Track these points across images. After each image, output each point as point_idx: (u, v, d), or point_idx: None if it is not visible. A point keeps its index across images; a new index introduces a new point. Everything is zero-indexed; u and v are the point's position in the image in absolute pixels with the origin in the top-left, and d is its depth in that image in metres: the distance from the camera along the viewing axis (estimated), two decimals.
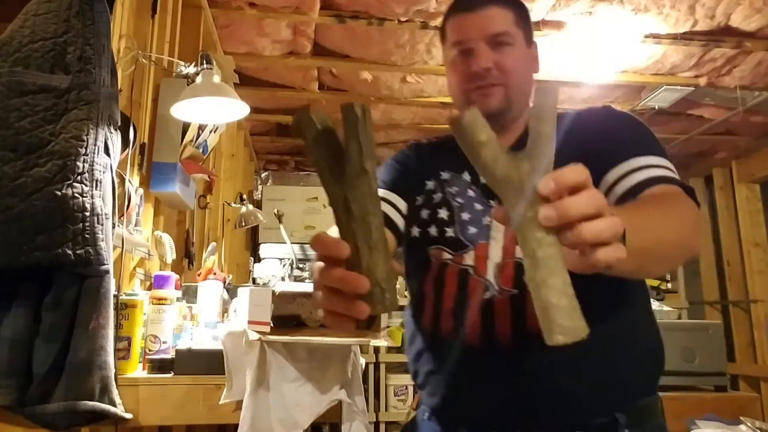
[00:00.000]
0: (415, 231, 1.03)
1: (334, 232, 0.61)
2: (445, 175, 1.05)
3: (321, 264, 0.54)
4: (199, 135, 2.26)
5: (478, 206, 0.99)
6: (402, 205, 1.04)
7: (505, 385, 0.88)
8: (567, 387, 0.86)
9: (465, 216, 0.99)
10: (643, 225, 0.64)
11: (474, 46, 0.99)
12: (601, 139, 0.92)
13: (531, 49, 1.06)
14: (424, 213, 1.03)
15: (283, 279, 4.35)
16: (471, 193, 1.01)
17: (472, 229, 0.97)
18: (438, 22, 2.75)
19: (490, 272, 0.93)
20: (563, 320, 0.47)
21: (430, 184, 1.06)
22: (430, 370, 0.98)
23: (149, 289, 1.81)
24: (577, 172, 0.48)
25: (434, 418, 0.98)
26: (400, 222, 1.03)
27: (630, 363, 0.90)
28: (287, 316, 1.55)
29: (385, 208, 1.02)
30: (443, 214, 1.01)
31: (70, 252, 1.19)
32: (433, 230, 1.00)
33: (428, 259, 1.00)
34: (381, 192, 1.03)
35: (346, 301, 0.52)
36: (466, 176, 1.03)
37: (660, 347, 0.96)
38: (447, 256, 0.98)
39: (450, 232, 0.99)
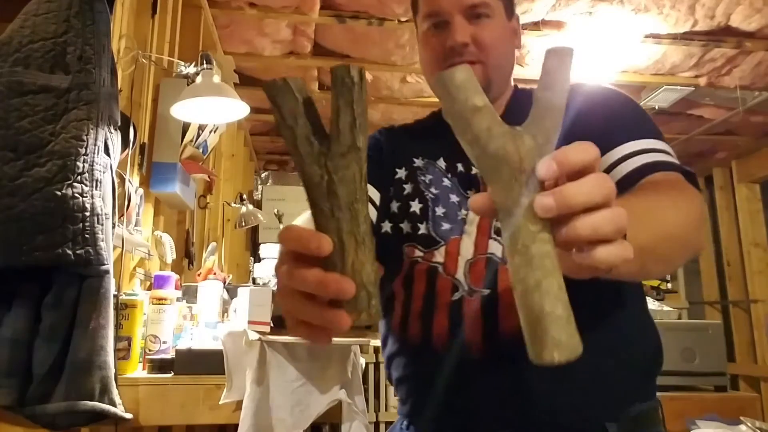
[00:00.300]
0: (387, 226, 0.94)
1: (303, 222, 0.53)
2: (418, 163, 0.95)
3: (290, 264, 0.44)
4: (199, 135, 2.26)
5: (454, 198, 0.90)
6: (376, 196, 0.95)
7: (476, 394, 0.80)
8: (546, 396, 0.78)
9: (439, 210, 0.90)
10: (646, 219, 0.56)
11: (449, 19, 0.89)
12: (593, 119, 0.83)
13: (512, 23, 0.95)
14: (395, 206, 0.93)
15: None
16: (446, 182, 0.91)
17: (446, 225, 0.88)
18: None
19: (460, 270, 0.85)
20: (559, 333, 0.38)
21: (401, 173, 0.95)
22: (400, 377, 0.91)
23: (149, 289, 1.81)
24: (584, 152, 0.41)
25: (412, 428, 0.90)
26: (374, 216, 0.94)
27: (620, 366, 0.81)
28: None
29: None
30: (415, 207, 0.91)
31: (70, 252, 1.19)
32: (405, 226, 0.91)
33: (401, 257, 0.91)
34: None
35: (322, 310, 0.43)
36: (441, 163, 0.93)
37: (655, 347, 0.87)
38: (418, 253, 0.89)
39: (422, 228, 0.89)
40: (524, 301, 0.40)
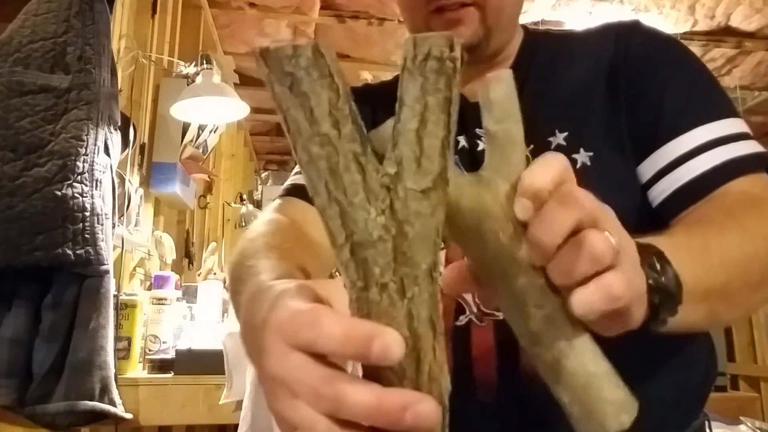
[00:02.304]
0: None
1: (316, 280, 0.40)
2: None
3: (318, 369, 0.28)
4: (199, 135, 2.26)
5: None
6: None
7: None
8: None
9: None
10: (711, 255, 0.45)
11: None
12: (645, 82, 0.63)
13: None
14: None
15: None
16: None
17: None
18: None
19: None
20: (614, 392, 0.31)
21: None
22: None
23: (149, 289, 1.81)
24: (545, 172, 0.31)
25: None
26: None
27: (672, 397, 0.65)
28: None
29: None
30: None
31: (70, 252, 1.19)
32: None
33: None
34: None
35: None
36: None
37: (708, 364, 0.70)
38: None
39: None
40: (562, 371, 0.31)
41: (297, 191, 0.74)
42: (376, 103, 0.67)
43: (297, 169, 0.79)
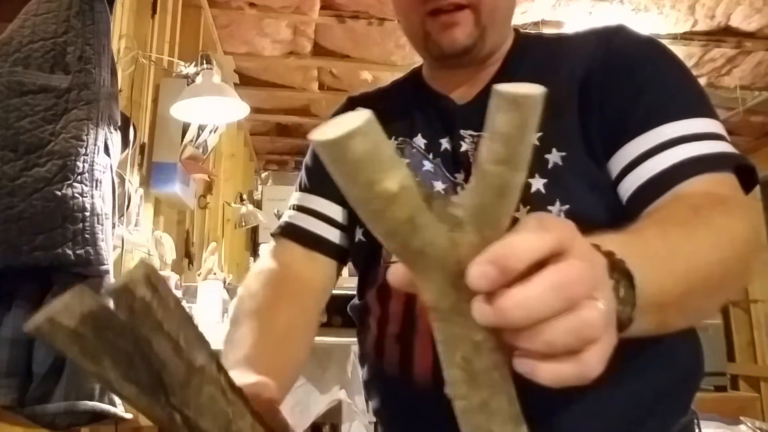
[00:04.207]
0: (359, 233, 0.76)
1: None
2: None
3: None
4: (199, 135, 2.26)
5: (438, 185, 0.70)
6: (332, 209, 0.79)
7: None
8: None
9: None
10: (668, 262, 0.43)
11: None
12: (617, 81, 0.64)
13: None
14: None
15: None
16: (428, 166, 0.71)
17: None
18: None
19: None
20: None
21: None
22: (377, 408, 0.76)
23: None
24: (535, 244, 0.28)
25: None
26: (333, 235, 0.79)
27: (645, 391, 0.64)
28: None
29: (308, 222, 0.79)
30: None
31: (70, 252, 1.19)
32: None
33: (377, 263, 0.73)
34: (298, 197, 0.83)
35: None
36: (420, 141, 0.73)
37: (694, 358, 0.70)
38: (396, 258, 0.71)
39: None
40: (467, 420, 0.31)
41: (288, 231, 0.81)
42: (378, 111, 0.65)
43: (295, 195, 0.86)
